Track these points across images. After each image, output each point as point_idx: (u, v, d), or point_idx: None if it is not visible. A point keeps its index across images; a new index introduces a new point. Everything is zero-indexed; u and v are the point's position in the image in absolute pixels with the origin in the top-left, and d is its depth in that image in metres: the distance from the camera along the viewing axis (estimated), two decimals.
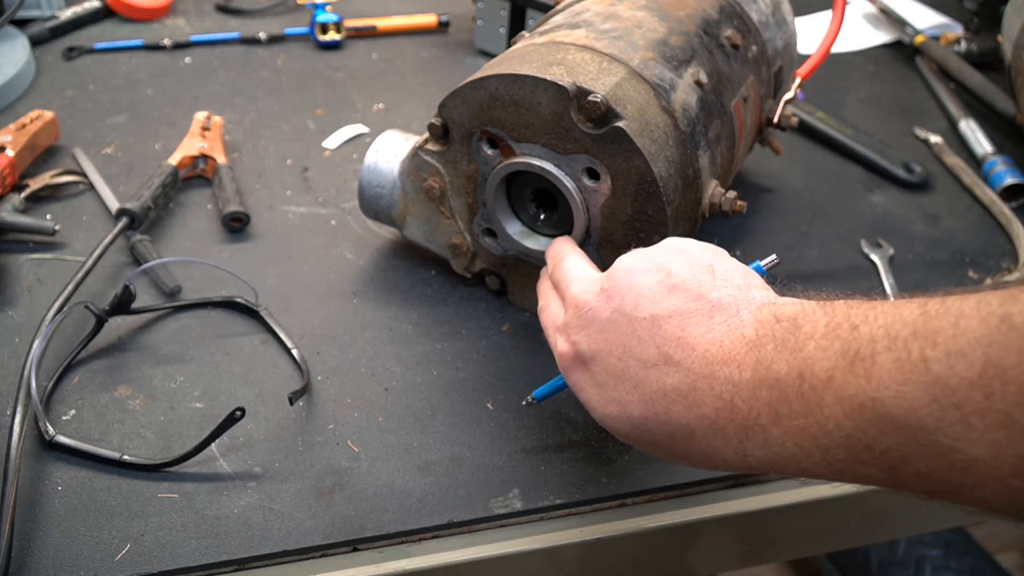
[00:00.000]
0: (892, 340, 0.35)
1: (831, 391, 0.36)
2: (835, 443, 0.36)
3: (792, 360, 0.38)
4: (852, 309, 0.38)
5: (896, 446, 0.34)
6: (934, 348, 0.33)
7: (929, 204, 0.84)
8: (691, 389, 0.41)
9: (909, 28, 1.09)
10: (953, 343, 0.33)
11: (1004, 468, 0.32)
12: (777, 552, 0.66)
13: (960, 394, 0.32)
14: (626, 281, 0.45)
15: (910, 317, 0.35)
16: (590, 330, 0.46)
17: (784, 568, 1.50)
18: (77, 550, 0.50)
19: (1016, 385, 0.31)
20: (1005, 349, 0.31)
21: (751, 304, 0.42)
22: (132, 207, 0.70)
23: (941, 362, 0.33)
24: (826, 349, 0.37)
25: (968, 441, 0.32)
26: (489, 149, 0.61)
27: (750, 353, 0.39)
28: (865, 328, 0.36)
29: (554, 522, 0.55)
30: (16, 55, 0.90)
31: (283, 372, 0.62)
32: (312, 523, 0.53)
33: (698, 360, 0.41)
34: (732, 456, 0.41)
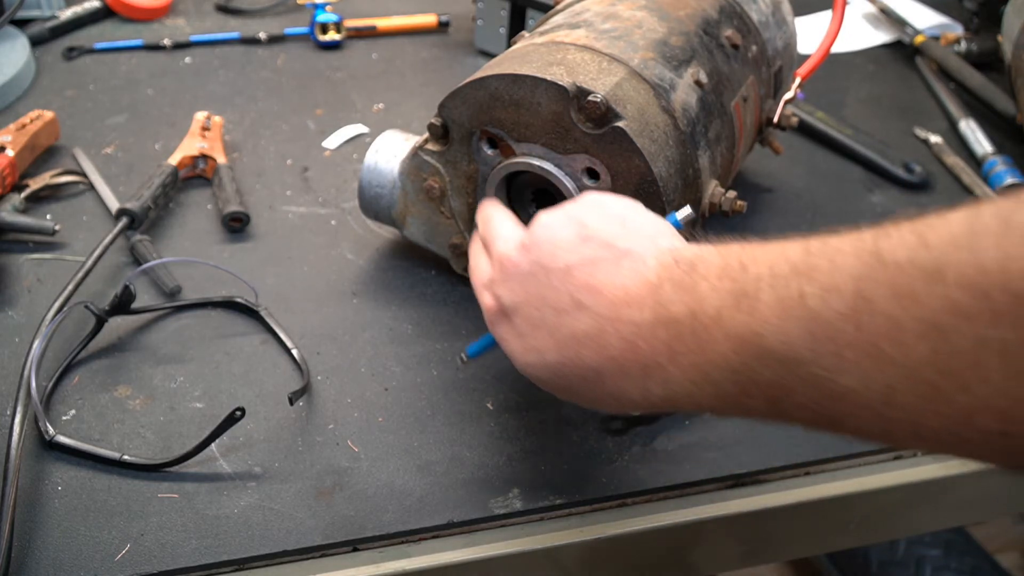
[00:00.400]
0: (775, 278, 0.37)
1: (720, 328, 0.38)
2: (724, 378, 0.39)
3: (687, 300, 0.40)
4: (744, 251, 0.40)
5: (777, 379, 0.36)
6: (811, 284, 0.35)
7: (929, 204, 0.84)
8: (599, 332, 0.42)
9: (909, 28, 1.09)
10: (828, 279, 0.35)
11: (874, 397, 0.33)
12: (777, 552, 0.66)
13: (834, 327, 0.34)
14: (544, 234, 0.46)
15: (793, 256, 0.37)
16: (512, 283, 0.47)
17: (784, 568, 1.50)
18: (77, 550, 0.50)
19: (883, 317, 0.32)
20: (875, 283, 0.33)
21: (656, 250, 0.43)
22: (132, 207, 0.70)
23: (817, 297, 0.35)
24: (717, 288, 0.39)
25: (841, 372, 0.34)
26: (489, 149, 0.61)
27: (651, 295, 0.41)
28: (753, 268, 0.38)
29: (554, 522, 0.55)
30: (16, 55, 0.90)
31: (283, 372, 0.62)
32: (312, 523, 0.53)
33: (605, 304, 0.42)
34: (637, 395, 0.43)
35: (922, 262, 0.32)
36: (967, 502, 0.64)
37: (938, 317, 0.31)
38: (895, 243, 0.34)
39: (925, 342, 0.31)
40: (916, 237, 0.33)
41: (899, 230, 0.34)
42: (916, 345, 0.32)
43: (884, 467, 0.61)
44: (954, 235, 0.32)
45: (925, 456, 0.61)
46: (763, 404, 0.38)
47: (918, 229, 0.33)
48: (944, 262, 0.31)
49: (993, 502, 0.67)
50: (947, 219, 0.33)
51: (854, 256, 0.34)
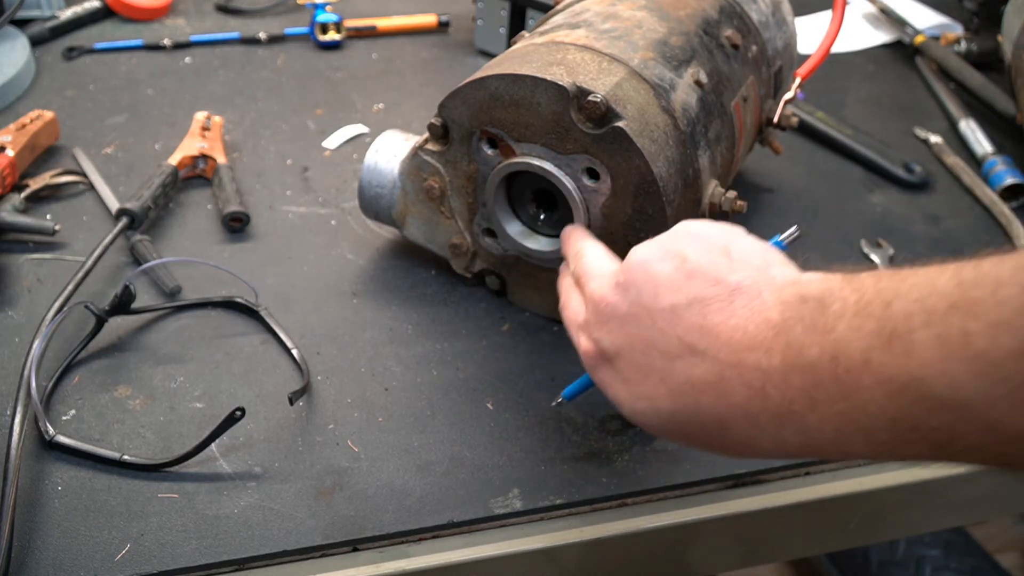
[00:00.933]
0: (929, 315, 0.33)
1: (869, 373, 0.35)
2: (878, 426, 0.35)
3: (823, 342, 0.36)
4: (882, 283, 0.36)
5: (944, 424, 0.33)
6: (975, 320, 0.32)
7: (929, 204, 0.84)
8: (719, 379, 0.40)
9: (909, 28, 1.09)
10: (994, 314, 0.32)
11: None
12: (777, 552, 0.66)
13: (1006, 367, 0.31)
14: (641, 272, 0.43)
15: (945, 288, 0.34)
16: (610, 326, 0.45)
17: (784, 568, 1.50)
18: (77, 550, 0.50)
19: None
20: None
21: (772, 284, 0.40)
22: (132, 207, 0.70)
23: (983, 335, 0.32)
24: (859, 329, 0.35)
25: (1019, 414, 0.31)
26: (489, 149, 0.61)
27: (778, 337, 0.38)
28: (899, 304, 0.35)
29: (554, 522, 0.55)
30: (16, 55, 0.90)
31: (283, 372, 0.62)
32: (312, 523, 0.53)
33: (723, 348, 0.39)
34: (769, 444, 0.39)
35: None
36: (967, 502, 0.64)
37: None
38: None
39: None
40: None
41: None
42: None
43: (884, 467, 0.61)
44: None
45: None
46: (925, 449, 0.35)
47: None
48: None
49: (993, 502, 0.67)
50: None
51: (1019, 288, 0.31)
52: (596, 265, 0.50)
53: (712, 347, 0.40)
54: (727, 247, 0.43)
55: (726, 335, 0.40)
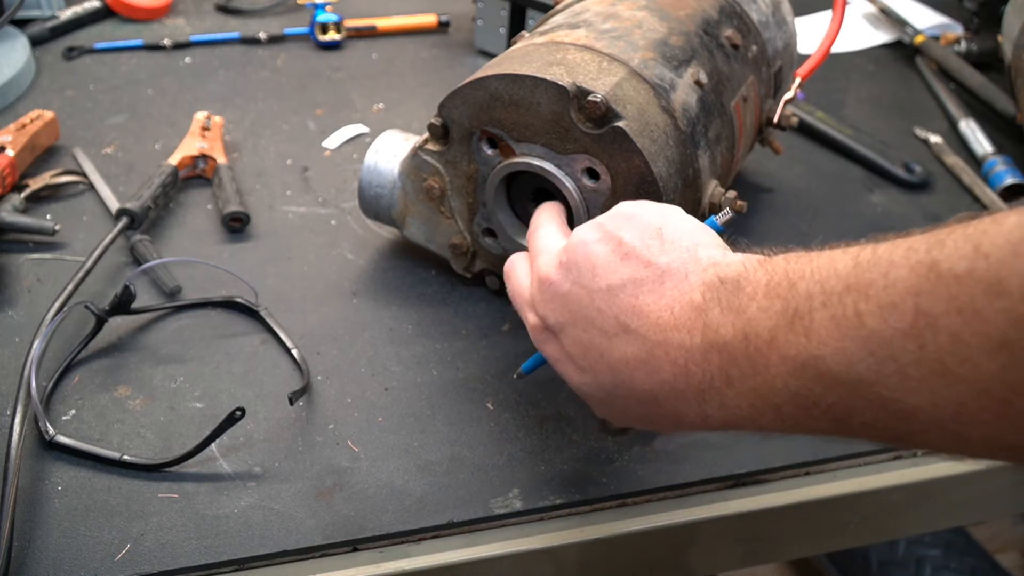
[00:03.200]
0: (827, 296, 0.36)
1: (775, 351, 0.37)
2: (785, 401, 0.38)
3: (736, 322, 0.39)
4: (790, 264, 0.39)
5: (840, 400, 0.35)
6: (867, 301, 0.34)
7: (929, 204, 0.84)
8: (649, 356, 0.42)
9: (909, 28, 1.09)
10: (884, 295, 0.33)
11: (944, 415, 0.33)
12: (777, 552, 0.66)
13: (895, 346, 0.33)
14: (581, 253, 0.45)
15: (844, 270, 0.36)
16: (555, 303, 0.47)
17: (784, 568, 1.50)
18: (77, 550, 0.50)
19: (946, 334, 0.31)
20: (933, 298, 0.32)
21: (698, 266, 0.42)
22: (132, 207, 0.70)
23: (874, 315, 0.33)
24: (767, 309, 0.38)
25: (907, 391, 0.33)
26: (489, 149, 0.61)
27: (698, 318, 0.40)
28: (802, 284, 0.37)
29: (554, 522, 0.55)
30: (16, 55, 0.90)
31: (283, 372, 0.62)
32: (312, 523, 0.53)
33: (652, 327, 0.42)
34: (695, 417, 0.42)
35: (981, 273, 0.31)
36: (967, 502, 0.64)
37: (1004, 332, 0.30)
38: (950, 253, 0.32)
39: (992, 358, 0.30)
40: (972, 246, 0.31)
41: (952, 238, 0.33)
42: (983, 362, 0.31)
43: (884, 467, 0.61)
44: (1012, 242, 0.30)
45: (925, 456, 0.61)
46: (828, 424, 0.37)
47: (972, 237, 0.32)
48: (1005, 273, 0.30)
49: (993, 502, 0.67)
50: (1001, 224, 0.31)
51: (908, 269, 0.33)
52: (546, 242, 0.51)
53: (643, 327, 0.42)
54: (660, 228, 0.45)
55: (655, 315, 0.42)
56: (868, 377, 0.34)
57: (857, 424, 0.36)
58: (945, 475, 0.61)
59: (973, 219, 0.33)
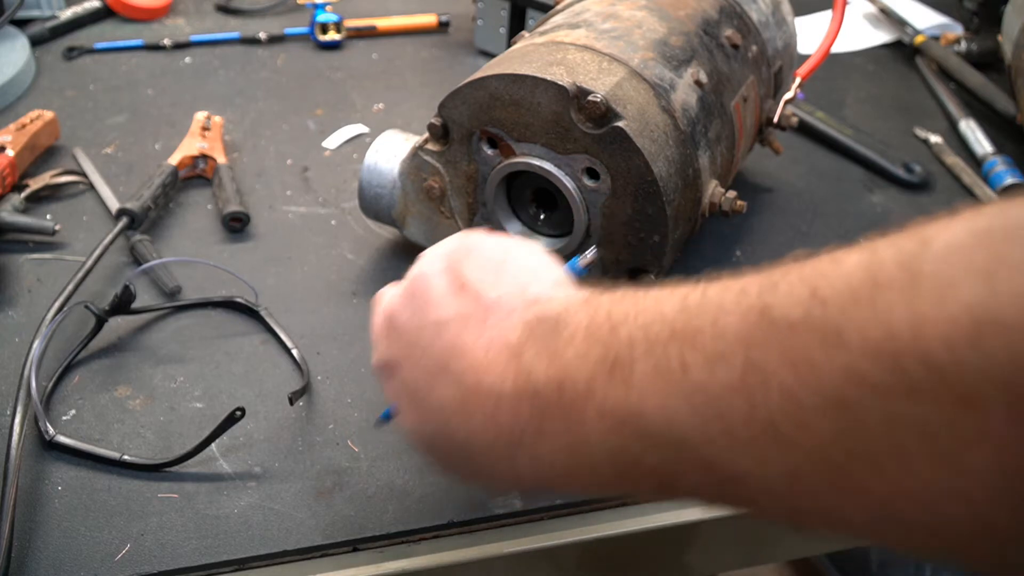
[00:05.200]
0: (651, 344, 0.31)
1: (592, 404, 0.33)
2: (602, 460, 0.33)
3: (551, 368, 0.34)
4: (615, 305, 0.34)
5: (663, 463, 0.31)
6: (693, 351, 0.30)
7: (929, 204, 0.84)
8: (463, 402, 0.37)
9: (909, 28, 1.09)
10: (712, 345, 0.29)
11: (775, 482, 0.29)
12: (777, 552, 0.66)
13: (723, 402, 0.29)
14: (420, 284, 0.41)
15: (671, 314, 0.32)
16: (392, 337, 0.42)
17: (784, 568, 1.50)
18: (77, 550, 0.50)
19: (779, 391, 0.27)
20: (765, 349, 0.28)
21: (523, 303, 0.38)
22: (132, 207, 0.70)
23: (701, 367, 0.29)
24: (585, 355, 0.33)
25: (735, 453, 0.29)
26: (489, 149, 0.61)
27: (511, 360, 0.36)
28: (624, 329, 0.33)
29: (554, 522, 0.55)
30: (16, 55, 0.90)
31: (283, 372, 0.62)
32: (312, 523, 0.53)
33: (468, 370, 0.37)
34: (508, 474, 0.37)
35: (817, 322, 0.27)
36: None
37: (841, 389, 0.26)
38: (784, 297, 0.28)
39: (828, 419, 0.26)
40: (808, 290, 0.28)
41: (788, 280, 0.29)
42: (818, 422, 0.27)
43: None
44: (852, 288, 0.27)
45: None
46: (651, 487, 0.33)
47: (809, 280, 0.28)
48: (843, 322, 0.26)
49: None
50: (842, 266, 0.28)
51: (739, 316, 0.29)
52: (405, 276, 0.46)
53: (459, 368, 0.37)
54: (502, 262, 0.40)
55: (472, 356, 0.37)
56: (693, 437, 0.30)
57: (683, 488, 0.32)
58: None
59: (810, 257, 0.29)
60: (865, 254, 0.27)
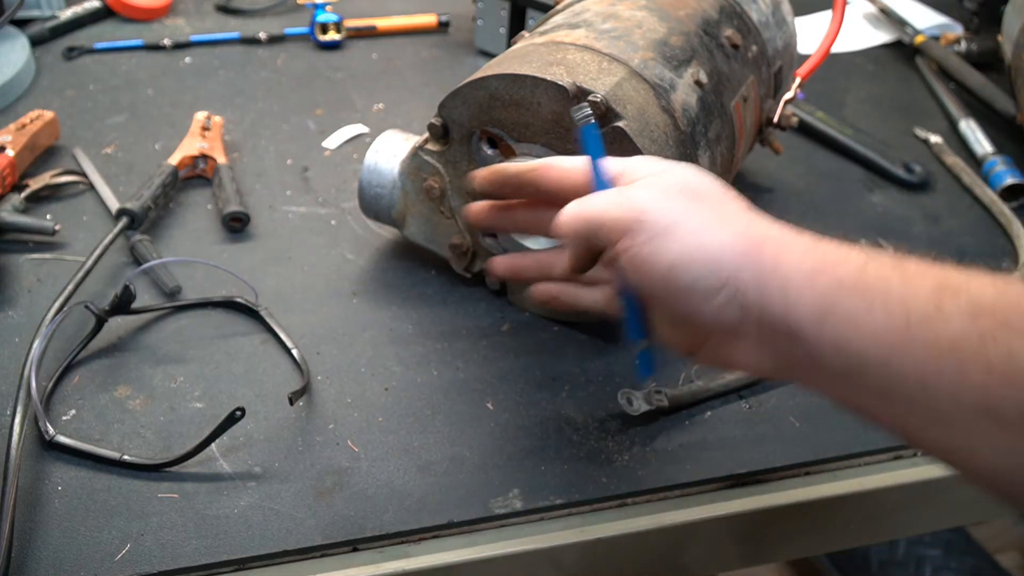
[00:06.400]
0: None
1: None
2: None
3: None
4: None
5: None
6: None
7: (929, 204, 0.84)
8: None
9: (909, 28, 1.09)
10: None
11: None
12: (777, 552, 0.66)
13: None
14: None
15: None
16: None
17: (784, 568, 1.50)
18: (77, 550, 0.50)
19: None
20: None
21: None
22: (132, 207, 0.70)
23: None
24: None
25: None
26: (489, 149, 0.61)
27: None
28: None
29: (554, 522, 0.55)
30: (16, 55, 0.90)
31: (283, 372, 0.62)
32: (312, 523, 0.53)
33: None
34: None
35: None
36: (967, 502, 0.64)
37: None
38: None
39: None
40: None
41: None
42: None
43: (884, 467, 0.61)
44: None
45: (925, 456, 0.61)
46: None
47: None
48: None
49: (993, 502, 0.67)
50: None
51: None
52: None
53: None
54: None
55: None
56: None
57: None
58: (945, 475, 0.61)
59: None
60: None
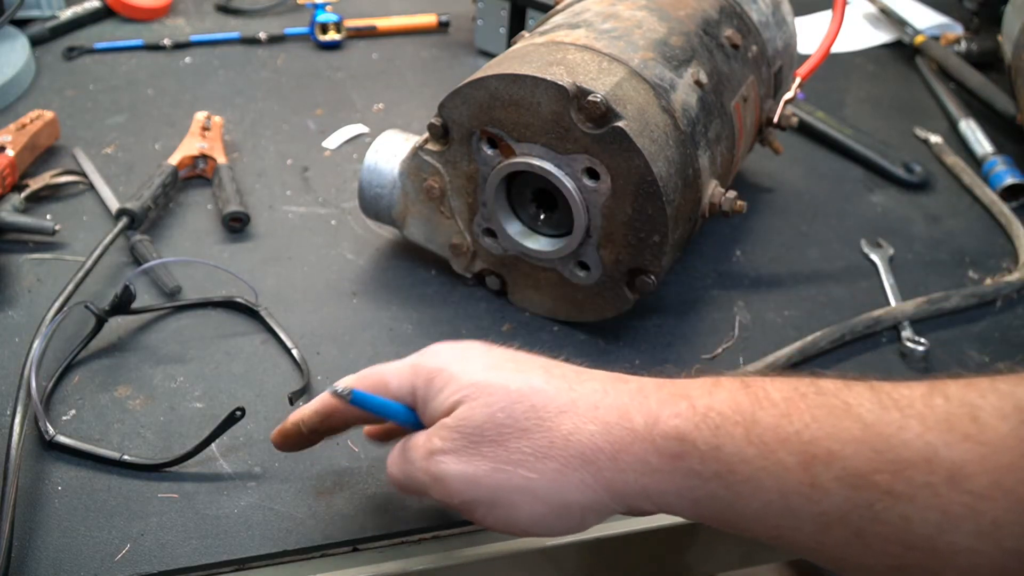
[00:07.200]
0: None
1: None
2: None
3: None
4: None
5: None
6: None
7: (929, 204, 0.84)
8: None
9: (909, 28, 1.09)
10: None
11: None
12: (777, 552, 0.66)
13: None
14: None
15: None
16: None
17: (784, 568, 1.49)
18: (77, 550, 0.50)
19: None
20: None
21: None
22: (132, 207, 0.70)
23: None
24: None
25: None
26: (489, 149, 0.61)
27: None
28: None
29: None
30: (16, 55, 0.90)
31: (283, 372, 0.62)
32: (312, 523, 0.53)
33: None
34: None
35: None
36: None
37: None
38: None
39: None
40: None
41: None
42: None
43: None
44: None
45: None
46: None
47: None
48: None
49: None
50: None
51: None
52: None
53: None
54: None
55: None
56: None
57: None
58: None
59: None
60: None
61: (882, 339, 0.68)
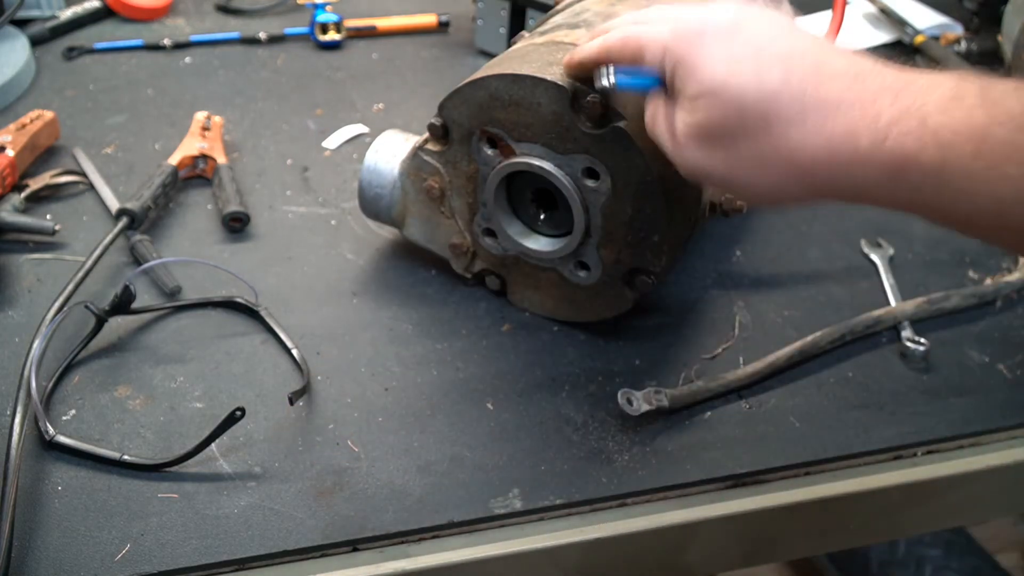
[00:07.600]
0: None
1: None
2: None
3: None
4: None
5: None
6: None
7: None
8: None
9: (909, 28, 1.09)
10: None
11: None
12: (777, 552, 0.66)
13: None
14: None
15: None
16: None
17: (784, 568, 1.50)
18: (77, 550, 0.50)
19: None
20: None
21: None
22: (132, 207, 0.71)
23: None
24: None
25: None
26: (489, 149, 0.61)
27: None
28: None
29: (554, 522, 0.55)
30: (16, 55, 0.90)
31: (283, 372, 0.62)
32: (312, 523, 0.53)
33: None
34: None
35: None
36: (967, 502, 0.64)
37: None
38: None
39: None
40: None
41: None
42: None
43: (884, 467, 0.61)
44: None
45: (925, 456, 0.61)
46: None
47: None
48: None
49: (993, 502, 0.67)
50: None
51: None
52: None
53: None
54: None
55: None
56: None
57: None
58: (945, 475, 0.61)
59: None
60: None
61: (882, 339, 0.68)
